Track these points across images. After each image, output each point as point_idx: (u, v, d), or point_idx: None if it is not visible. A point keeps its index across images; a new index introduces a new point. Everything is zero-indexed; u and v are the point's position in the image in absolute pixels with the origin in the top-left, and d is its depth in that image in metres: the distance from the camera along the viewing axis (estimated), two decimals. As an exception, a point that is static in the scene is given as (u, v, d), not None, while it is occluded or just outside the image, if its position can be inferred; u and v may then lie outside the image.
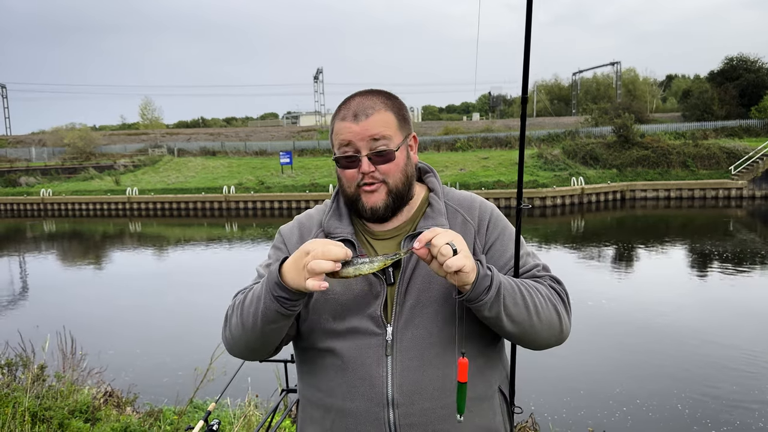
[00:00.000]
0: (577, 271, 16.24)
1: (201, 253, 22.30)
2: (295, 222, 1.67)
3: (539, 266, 1.57)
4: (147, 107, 76.34)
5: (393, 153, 1.48)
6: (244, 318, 1.42)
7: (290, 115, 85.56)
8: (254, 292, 1.43)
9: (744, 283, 14.55)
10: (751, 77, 45.75)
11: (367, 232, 1.58)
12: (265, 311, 1.37)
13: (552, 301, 1.47)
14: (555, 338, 1.49)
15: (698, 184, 31.86)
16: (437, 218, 1.55)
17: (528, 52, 1.45)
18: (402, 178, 1.52)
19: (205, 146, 49.39)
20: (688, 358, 9.22)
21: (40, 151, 50.68)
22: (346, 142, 1.47)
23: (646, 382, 8.25)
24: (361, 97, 1.51)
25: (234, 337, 1.48)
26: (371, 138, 1.46)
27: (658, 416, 7.23)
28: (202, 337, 6.54)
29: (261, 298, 1.38)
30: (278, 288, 1.33)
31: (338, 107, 1.53)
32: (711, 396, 7.78)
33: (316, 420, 1.55)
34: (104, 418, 4.62)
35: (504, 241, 1.58)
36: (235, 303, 1.48)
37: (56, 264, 21.53)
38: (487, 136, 44.60)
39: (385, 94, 1.53)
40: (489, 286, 1.34)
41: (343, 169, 1.51)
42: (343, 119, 1.48)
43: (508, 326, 1.40)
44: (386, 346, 1.45)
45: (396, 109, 1.52)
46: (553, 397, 7.79)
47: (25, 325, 7.72)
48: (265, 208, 33.31)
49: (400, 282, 1.48)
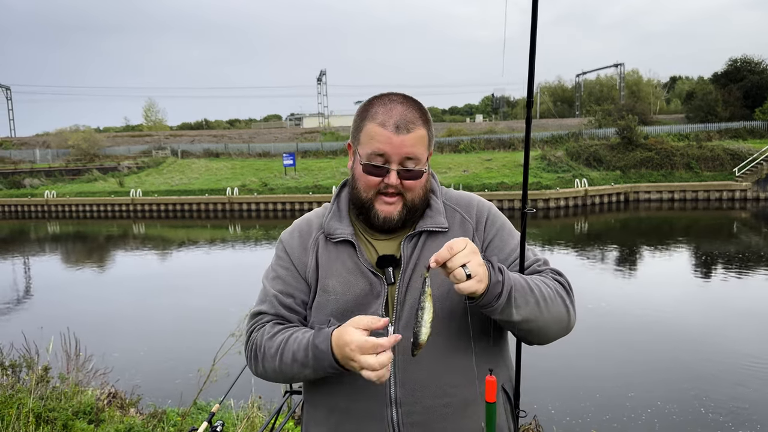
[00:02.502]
0: (581, 272, 16.20)
1: (204, 255, 22.32)
2: (295, 227, 1.67)
3: (540, 260, 1.58)
4: (150, 109, 76.47)
5: (421, 173, 1.50)
6: (286, 371, 1.47)
7: (293, 117, 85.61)
8: (296, 354, 1.44)
9: (748, 285, 14.50)
10: (755, 79, 45.61)
11: (367, 233, 1.59)
12: (315, 374, 1.44)
13: (559, 293, 1.47)
14: (563, 330, 1.50)
15: (702, 186, 31.78)
16: (436, 218, 1.56)
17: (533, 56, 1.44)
18: (422, 194, 1.54)
19: (208, 148, 49.45)
20: (693, 361, 9.19)
21: (44, 153, 50.79)
22: (381, 152, 1.46)
23: (650, 384, 8.22)
24: (403, 107, 1.49)
25: (269, 376, 1.54)
26: (405, 156, 1.46)
27: (661, 418, 7.21)
28: (206, 338, 6.54)
29: (309, 367, 1.42)
30: (332, 368, 1.38)
31: (373, 107, 1.51)
32: (716, 398, 7.75)
33: (321, 421, 1.57)
34: (108, 420, 4.62)
35: (503, 236, 1.59)
36: (268, 350, 1.49)
37: (60, 265, 21.57)
38: (490, 137, 44.52)
39: (422, 109, 1.53)
40: (500, 292, 1.34)
41: (367, 175, 1.50)
42: (383, 126, 1.46)
43: (519, 324, 1.41)
44: None
45: (429, 127, 1.53)
46: (557, 398, 7.77)
47: (29, 327, 7.73)
48: (269, 209, 33.34)
49: (401, 281, 1.49)
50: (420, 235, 1.54)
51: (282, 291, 1.56)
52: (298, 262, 1.58)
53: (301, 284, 1.57)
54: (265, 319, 1.56)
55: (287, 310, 1.56)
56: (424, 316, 1.30)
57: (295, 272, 1.58)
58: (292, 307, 1.56)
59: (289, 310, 1.56)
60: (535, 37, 1.42)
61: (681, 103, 61.24)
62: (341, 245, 1.56)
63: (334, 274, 1.53)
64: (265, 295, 1.59)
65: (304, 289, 1.57)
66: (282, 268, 1.60)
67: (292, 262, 1.59)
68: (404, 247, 1.52)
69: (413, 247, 1.53)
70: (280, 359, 1.45)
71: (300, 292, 1.57)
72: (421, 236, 1.54)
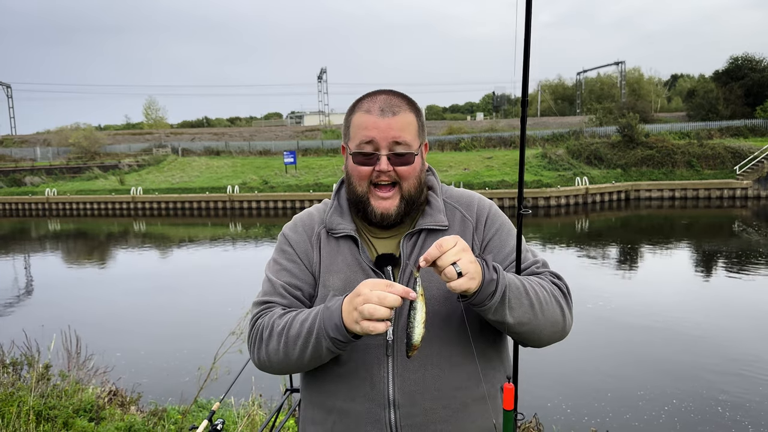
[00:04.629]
0: (581, 271, 16.19)
1: (205, 253, 22.32)
2: (297, 221, 1.66)
3: (538, 262, 1.56)
4: (151, 107, 76.48)
5: (413, 156, 1.49)
6: (289, 348, 1.42)
7: (294, 115, 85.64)
8: (303, 323, 1.41)
9: (749, 284, 14.48)
10: (757, 77, 45.56)
11: (368, 231, 1.58)
12: (316, 347, 1.38)
13: (555, 297, 1.46)
14: (558, 335, 1.48)
15: (703, 184, 31.74)
16: (436, 215, 1.55)
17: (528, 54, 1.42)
18: (416, 183, 1.52)
19: (209, 146, 49.46)
20: (693, 359, 9.18)
21: (45, 151, 50.81)
22: (369, 139, 1.46)
23: (650, 383, 8.22)
24: (386, 95, 1.50)
25: (271, 360, 1.47)
26: (394, 140, 1.45)
27: (662, 417, 7.21)
28: (206, 336, 6.55)
29: (313, 335, 1.37)
30: (336, 330, 1.33)
31: (360, 101, 1.52)
32: (715, 397, 7.75)
33: (318, 421, 1.56)
34: (108, 417, 4.63)
35: (502, 236, 1.57)
36: (275, 327, 1.45)
37: (61, 263, 21.59)
38: (491, 135, 44.53)
39: (408, 98, 1.54)
40: (494, 291, 1.32)
41: (358, 165, 1.49)
42: (368, 112, 1.47)
43: (512, 326, 1.39)
44: (387, 347, 1.45)
45: (417, 114, 1.53)
46: (556, 397, 7.77)
47: (30, 325, 7.74)
48: (269, 207, 33.34)
49: (400, 280, 1.48)
50: (419, 234, 1.53)
51: (289, 283, 1.55)
52: (304, 256, 1.57)
53: (309, 277, 1.56)
54: (273, 306, 1.53)
55: (296, 301, 1.54)
56: (416, 316, 1.29)
57: (302, 265, 1.57)
58: (300, 298, 1.54)
59: (297, 300, 1.54)
60: (530, 37, 1.39)
61: (682, 101, 61.20)
62: (343, 240, 1.55)
63: (335, 270, 1.53)
64: (271, 286, 1.56)
65: (311, 282, 1.56)
66: (289, 261, 1.58)
67: (298, 255, 1.58)
68: (403, 245, 1.51)
69: (413, 246, 1.52)
70: (287, 333, 1.42)
71: (307, 285, 1.56)
72: (420, 234, 1.53)
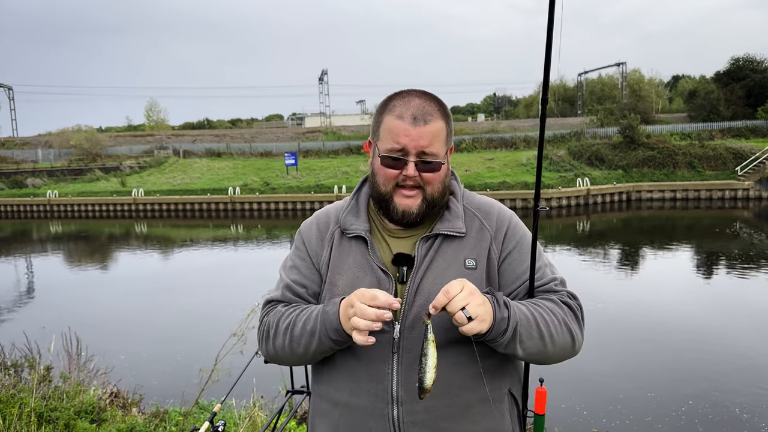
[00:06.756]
0: (583, 272, 16.18)
1: (206, 254, 22.33)
2: (314, 219, 1.69)
3: (557, 280, 1.57)
4: (152, 109, 76.52)
5: (440, 164, 1.50)
6: (294, 345, 1.50)
7: (295, 117, 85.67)
8: (305, 324, 1.48)
9: (751, 284, 14.46)
10: (758, 78, 45.54)
11: (385, 230, 1.59)
12: (320, 345, 1.46)
13: (567, 324, 1.48)
14: (567, 357, 1.52)
15: (704, 185, 31.73)
16: (454, 221, 1.55)
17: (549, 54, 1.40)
18: (440, 188, 1.53)
19: (210, 147, 49.47)
20: (695, 361, 9.16)
21: (47, 153, 50.86)
22: (399, 147, 1.47)
23: (652, 385, 8.20)
24: (420, 100, 1.49)
25: (279, 355, 1.56)
26: (422, 149, 1.46)
27: (664, 419, 7.19)
28: (208, 337, 6.54)
29: (315, 335, 1.45)
30: (337, 333, 1.41)
31: (392, 102, 1.51)
32: (717, 398, 7.73)
33: (325, 413, 1.59)
34: (110, 419, 4.62)
35: (522, 251, 1.57)
36: (280, 325, 1.53)
37: (62, 265, 21.59)
38: (492, 137, 44.48)
39: (441, 103, 1.53)
40: (506, 328, 1.36)
41: (386, 168, 1.50)
42: (400, 118, 1.47)
43: (521, 355, 1.44)
44: (393, 344, 1.46)
45: (447, 120, 1.52)
46: (558, 398, 7.75)
47: (31, 327, 7.74)
48: (270, 209, 33.37)
49: (412, 281, 1.49)
50: (435, 238, 1.54)
51: (295, 281, 1.60)
52: (314, 253, 1.61)
53: (315, 275, 1.60)
54: (278, 304, 1.60)
55: (298, 299, 1.59)
56: (428, 362, 1.32)
57: (310, 263, 1.61)
58: (304, 296, 1.59)
59: (300, 299, 1.59)
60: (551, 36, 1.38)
61: (683, 102, 61.13)
62: (355, 241, 1.57)
63: (343, 270, 1.55)
64: (279, 283, 1.64)
65: (318, 280, 1.60)
66: (299, 259, 1.63)
67: (308, 253, 1.62)
68: (419, 247, 1.52)
69: (428, 249, 1.53)
70: (291, 332, 1.49)
71: (313, 283, 1.60)
72: (437, 239, 1.54)
